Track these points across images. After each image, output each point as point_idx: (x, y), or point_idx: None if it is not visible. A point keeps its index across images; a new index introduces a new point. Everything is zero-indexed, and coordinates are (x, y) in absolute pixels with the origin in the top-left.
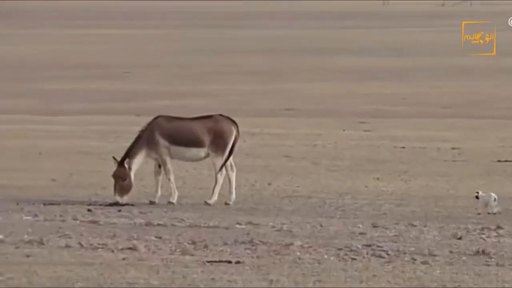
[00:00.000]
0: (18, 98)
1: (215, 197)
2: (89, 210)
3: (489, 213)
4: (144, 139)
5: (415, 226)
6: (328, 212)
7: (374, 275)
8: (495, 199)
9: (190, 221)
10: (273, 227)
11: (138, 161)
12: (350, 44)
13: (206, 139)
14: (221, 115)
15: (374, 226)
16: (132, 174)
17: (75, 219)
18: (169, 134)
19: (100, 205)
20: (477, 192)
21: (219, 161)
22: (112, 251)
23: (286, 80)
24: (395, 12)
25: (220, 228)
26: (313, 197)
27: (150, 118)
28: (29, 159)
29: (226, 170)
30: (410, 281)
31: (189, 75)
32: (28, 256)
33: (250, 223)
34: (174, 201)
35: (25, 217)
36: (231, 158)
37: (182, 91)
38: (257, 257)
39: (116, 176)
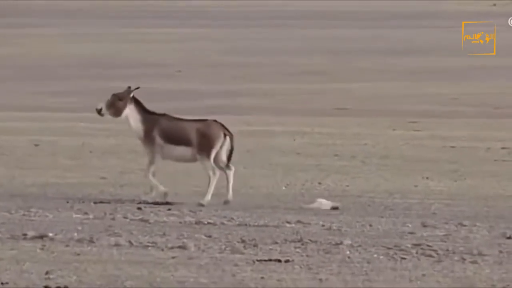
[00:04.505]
0: (70, 96)
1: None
2: (139, 208)
3: None
4: None
5: (465, 225)
6: (377, 211)
7: (424, 275)
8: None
9: (240, 219)
10: (323, 226)
11: None
12: (404, 44)
13: (193, 139)
14: (215, 120)
15: (424, 225)
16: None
17: (125, 218)
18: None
19: (150, 203)
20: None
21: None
22: (162, 250)
23: (338, 80)
24: (448, 12)
25: (270, 226)
26: (363, 196)
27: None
28: (80, 157)
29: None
30: (459, 281)
31: (242, 74)
32: (78, 254)
33: (299, 222)
34: (150, 199)
35: (75, 215)
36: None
37: (234, 90)
38: (307, 256)
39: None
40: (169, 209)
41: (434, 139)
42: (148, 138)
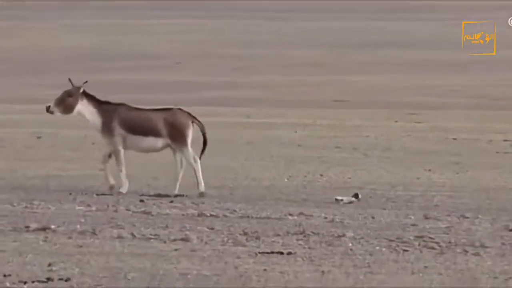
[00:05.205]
0: None
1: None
2: (141, 200)
3: None
4: None
5: (467, 217)
6: (379, 204)
7: (426, 267)
8: None
9: (242, 212)
10: (325, 218)
11: None
12: (403, 36)
13: (162, 129)
14: (180, 109)
15: (426, 217)
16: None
17: (128, 210)
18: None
19: (152, 195)
20: None
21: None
22: (165, 242)
23: (339, 72)
24: (447, 5)
25: (272, 219)
26: (365, 188)
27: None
28: (82, 149)
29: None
30: (461, 273)
31: (241, 66)
32: (80, 246)
33: (302, 214)
34: (124, 191)
35: (77, 207)
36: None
37: (234, 82)
38: (309, 248)
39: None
40: (172, 201)
41: (435, 131)
42: (107, 129)
